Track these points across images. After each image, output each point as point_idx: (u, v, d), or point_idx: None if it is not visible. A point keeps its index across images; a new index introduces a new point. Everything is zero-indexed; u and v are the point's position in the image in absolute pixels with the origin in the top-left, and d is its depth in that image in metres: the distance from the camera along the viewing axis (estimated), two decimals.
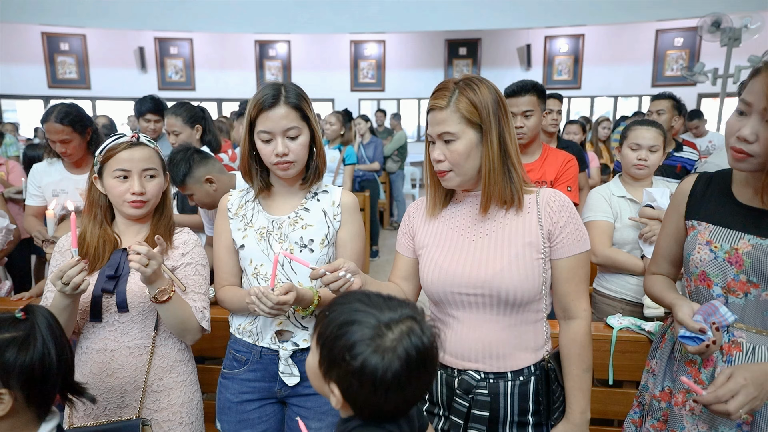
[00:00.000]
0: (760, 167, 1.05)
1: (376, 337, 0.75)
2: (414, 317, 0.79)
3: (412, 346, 0.76)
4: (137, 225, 1.44)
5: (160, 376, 1.42)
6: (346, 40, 9.91)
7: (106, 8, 8.20)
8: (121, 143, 1.35)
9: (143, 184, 1.35)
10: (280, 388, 1.41)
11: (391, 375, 0.74)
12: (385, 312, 0.78)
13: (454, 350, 1.21)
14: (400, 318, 0.78)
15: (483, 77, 1.17)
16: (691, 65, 8.07)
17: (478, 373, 1.18)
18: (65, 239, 1.42)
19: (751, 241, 1.10)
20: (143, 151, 1.36)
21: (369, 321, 0.77)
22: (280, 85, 1.33)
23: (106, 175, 1.36)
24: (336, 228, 1.41)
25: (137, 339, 1.39)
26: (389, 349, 0.75)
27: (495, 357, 1.18)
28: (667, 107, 3.03)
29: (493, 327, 1.18)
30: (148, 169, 1.37)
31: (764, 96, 0.99)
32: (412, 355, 0.75)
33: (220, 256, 1.45)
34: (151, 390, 1.40)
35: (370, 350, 0.75)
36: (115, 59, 9.70)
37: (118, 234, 1.42)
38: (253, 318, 1.41)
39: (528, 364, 1.19)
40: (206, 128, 2.58)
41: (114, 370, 1.36)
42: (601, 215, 2.04)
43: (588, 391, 1.19)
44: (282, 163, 1.31)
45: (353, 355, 0.75)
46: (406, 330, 0.77)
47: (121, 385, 1.37)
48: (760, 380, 1.00)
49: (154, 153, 1.40)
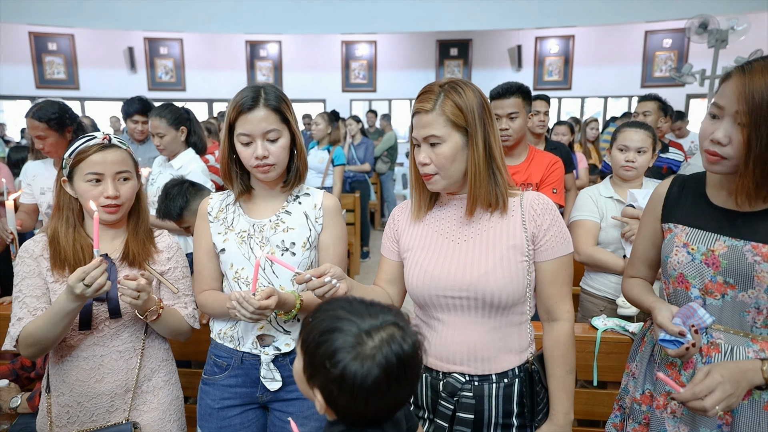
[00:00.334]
0: (733, 169, 1.06)
1: (357, 345, 0.76)
2: (396, 324, 0.79)
3: (392, 354, 0.76)
4: (112, 230, 1.40)
5: (149, 377, 1.42)
6: (338, 41, 9.90)
7: (95, 8, 8.13)
8: (93, 146, 1.31)
9: (117, 188, 1.32)
10: (261, 394, 1.40)
11: (371, 382, 0.74)
12: (366, 319, 0.78)
13: (439, 353, 1.21)
14: (381, 325, 0.78)
15: (467, 80, 1.18)
16: (679, 66, 8.13)
17: (463, 376, 1.19)
18: (32, 244, 1.36)
19: (726, 243, 1.11)
20: (116, 154, 1.33)
21: (350, 329, 0.77)
22: (259, 87, 1.32)
23: (77, 179, 1.32)
24: (318, 231, 1.41)
25: (127, 343, 1.38)
26: (369, 356, 0.75)
27: (480, 359, 1.18)
28: (653, 109, 3.06)
29: (478, 330, 1.18)
30: (122, 172, 1.33)
31: (735, 99, 1.00)
32: (392, 363, 0.75)
33: (200, 260, 1.43)
34: (141, 391, 1.40)
35: (349, 358, 0.75)
36: (104, 59, 9.62)
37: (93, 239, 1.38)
38: (234, 323, 1.40)
39: (512, 366, 1.20)
40: (191, 130, 2.55)
41: (104, 375, 1.35)
42: (587, 215, 2.08)
43: (571, 392, 1.20)
44: (262, 166, 1.30)
45: (333, 362, 0.76)
46: (386, 337, 0.77)
47: (112, 389, 1.36)
48: (736, 377, 1.02)
49: (127, 155, 1.37)
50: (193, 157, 2.50)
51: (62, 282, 1.31)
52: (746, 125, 0.99)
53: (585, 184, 3.86)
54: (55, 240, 1.34)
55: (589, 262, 2.06)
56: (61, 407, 1.35)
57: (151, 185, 2.55)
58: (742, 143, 1.01)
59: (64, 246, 1.33)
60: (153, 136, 2.49)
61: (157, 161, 2.68)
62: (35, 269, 1.32)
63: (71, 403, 1.35)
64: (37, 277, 1.32)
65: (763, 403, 1.10)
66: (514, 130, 2.14)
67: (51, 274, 1.32)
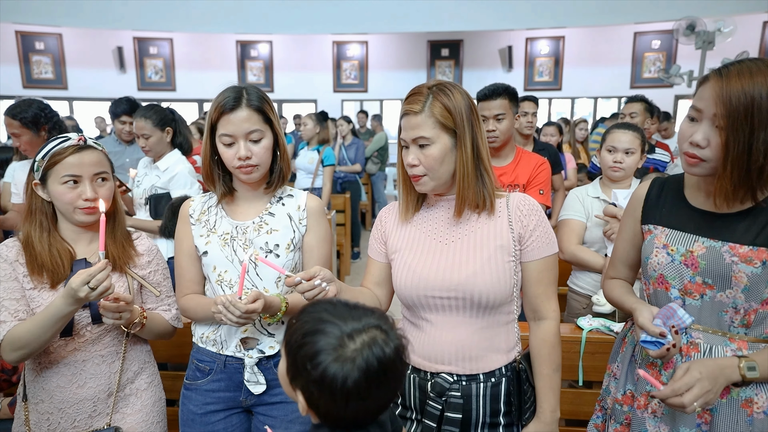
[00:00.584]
0: (712, 171, 1.07)
1: (338, 347, 0.76)
2: (379, 327, 0.79)
3: (373, 357, 0.76)
4: (89, 233, 1.38)
5: (132, 380, 1.41)
6: (329, 41, 9.88)
7: (83, 7, 8.06)
8: (68, 147, 1.29)
9: (95, 189, 1.30)
10: (245, 398, 1.39)
11: (351, 384, 0.74)
12: (349, 322, 0.78)
13: (427, 353, 1.21)
14: (363, 328, 0.78)
15: (455, 83, 1.19)
16: (667, 67, 8.20)
17: (451, 376, 1.19)
18: (5, 249, 1.31)
19: (705, 244, 1.12)
20: (92, 155, 1.31)
21: (332, 331, 0.77)
22: (241, 87, 1.31)
23: (51, 181, 1.28)
24: (302, 232, 1.40)
25: (110, 346, 1.36)
26: (349, 359, 0.75)
27: (468, 359, 1.19)
28: (640, 110, 3.08)
29: (466, 329, 1.19)
30: (100, 173, 1.32)
31: (713, 103, 1.02)
32: (372, 366, 0.75)
33: (181, 263, 1.41)
34: (124, 394, 1.38)
35: (330, 360, 0.75)
36: (93, 59, 9.53)
37: (69, 243, 1.35)
38: (217, 326, 1.39)
39: (500, 365, 1.21)
40: (176, 130, 2.54)
41: (86, 380, 1.33)
42: (573, 214, 2.12)
43: (558, 390, 1.22)
44: (245, 167, 1.30)
45: (314, 364, 0.76)
46: (368, 340, 0.77)
47: (94, 394, 1.34)
48: (714, 374, 1.03)
49: (103, 155, 1.35)
50: (179, 158, 2.48)
51: (41, 289, 1.28)
52: (724, 128, 1.01)
53: (574, 184, 3.88)
54: (30, 245, 1.30)
55: (572, 261, 2.10)
56: (40, 414, 1.33)
57: (137, 187, 2.53)
58: (721, 146, 1.02)
59: (39, 251, 1.29)
60: (138, 137, 2.48)
61: (142, 163, 2.65)
62: (11, 273, 1.29)
63: (51, 410, 1.32)
64: (14, 281, 1.29)
65: (741, 402, 1.11)
66: (501, 132, 2.15)
67: (29, 280, 1.29)
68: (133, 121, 2.54)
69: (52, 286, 1.29)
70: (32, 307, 1.28)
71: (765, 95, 0.97)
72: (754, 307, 1.10)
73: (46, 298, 1.28)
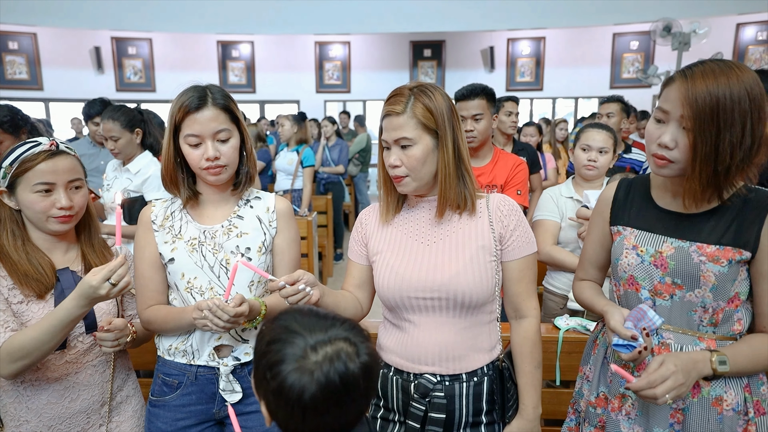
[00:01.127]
0: (681, 172, 1.07)
1: (300, 358, 0.73)
2: (348, 339, 0.76)
3: (334, 372, 0.72)
4: (63, 242, 1.32)
5: (121, 387, 1.38)
6: (311, 41, 9.83)
7: (59, 6, 7.89)
8: (39, 153, 1.22)
9: (70, 197, 1.25)
10: (219, 409, 1.34)
11: (307, 398, 0.72)
12: (315, 333, 0.75)
13: (409, 354, 1.21)
14: (329, 340, 0.75)
15: (436, 84, 1.20)
16: (645, 68, 8.33)
17: (434, 376, 1.19)
18: None
19: (673, 244, 1.13)
20: (66, 161, 1.25)
21: (296, 341, 0.74)
22: (203, 86, 1.28)
23: (22, 189, 1.22)
24: (272, 235, 1.38)
25: (100, 355, 1.33)
26: (308, 371, 0.72)
27: (451, 359, 1.19)
28: (616, 110, 3.11)
29: (449, 329, 1.19)
30: (74, 180, 1.26)
31: (680, 104, 1.02)
32: (332, 381, 0.72)
33: (143, 273, 1.34)
34: (116, 403, 1.35)
35: (288, 370, 0.73)
36: (69, 59, 9.34)
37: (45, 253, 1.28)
38: (186, 336, 1.33)
39: (482, 364, 1.21)
40: (146, 131, 2.46)
41: (79, 392, 1.28)
42: (547, 215, 2.13)
43: (539, 386, 1.23)
44: (213, 168, 1.26)
45: (273, 373, 0.74)
46: (331, 353, 0.74)
47: (88, 405, 1.29)
48: (687, 368, 1.04)
49: (77, 161, 1.29)
50: (150, 159, 2.41)
51: (29, 302, 1.22)
52: (691, 130, 1.01)
53: (553, 184, 3.92)
54: (5, 255, 1.23)
55: (548, 261, 2.11)
56: None
57: (107, 191, 2.46)
58: (689, 147, 1.03)
59: (17, 261, 1.23)
60: (106, 139, 2.39)
61: (110, 165, 2.57)
62: None
63: (39, 429, 1.25)
64: None
65: (711, 400, 1.12)
66: (479, 132, 2.15)
67: (16, 293, 1.22)
68: (100, 123, 2.44)
69: (40, 297, 1.23)
70: (23, 321, 1.21)
71: (729, 96, 0.98)
72: (721, 306, 1.11)
73: (36, 310, 1.22)
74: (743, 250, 1.07)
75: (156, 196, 2.31)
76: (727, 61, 1.03)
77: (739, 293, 1.11)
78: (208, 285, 1.30)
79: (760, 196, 1.08)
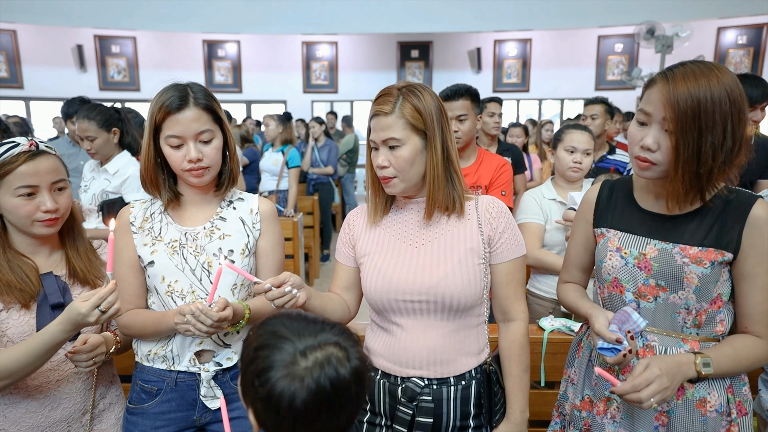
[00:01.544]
0: (663, 174, 1.07)
1: (289, 364, 0.71)
2: (338, 344, 0.74)
3: (325, 377, 0.70)
4: (46, 246, 1.28)
5: (104, 394, 1.34)
6: (298, 41, 9.78)
7: (39, 3, 7.74)
8: (19, 155, 1.16)
9: (55, 199, 1.20)
10: (200, 416, 1.31)
11: (298, 405, 0.70)
12: (304, 338, 0.73)
13: (397, 358, 1.19)
14: (319, 344, 0.73)
15: (424, 84, 1.18)
16: (630, 70, 8.44)
17: (422, 380, 1.18)
18: None
19: (657, 246, 1.13)
20: (48, 162, 1.20)
21: (284, 347, 0.72)
22: (184, 85, 1.24)
23: (3, 194, 1.17)
24: (256, 237, 1.35)
25: None
26: (298, 377, 0.70)
27: (439, 363, 1.17)
28: (601, 112, 3.13)
29: (437, 333, 1.18)
30: (58, 182, 1.21)
31: (662, 106, 1.02)
32: (323, 387, 0.70)
33: (121, 276, 1.29)
34: (98, 411, 1.31)
35: (278, 377, 0.70)
36: (51, 57, 9.18)
37: (28, 257, 1.24)
38: (166, 341, 1.29)
39: (469, 368, 1.20)
40: (123, 131, 2.37)
41: (60, 400, 1.24)
42: (532, 217, 2.11)
43: (527, 390, 1.22)
44: (196, 170, 1.23)
45: (262, 381, 0.71)
46: (322, 359, 0.72)
47: (69, 414, 1.25)
48: (672, 371, 1.04)
49: (59, 161, 1.25)
50: (129, 159, 2.34)
51: (9, 309, 1.18)
52: (673, 132, 1.01)
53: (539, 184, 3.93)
54: None
55: (536, 265, 2.09)
56: None
57: (84, 192, 2.39)
58: (671, 149, 1.02)
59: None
60: (82, 140, 2.30)
61: (87, 166, 2.49)
62: None
63: None
64: None
65: (696, 402, 1.12)
66: (464, 132, 2.14)
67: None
68: (76, 123, 2.34)
69: (24, 305, 1.19)
70: (2, 329, 1.17)
71: (710, 98, 0.98)
72: (704, 307, 1.11)
73: (17, 318, 1.18)
74: (725, 252, 1.07)
75: (136, 197, 2.25)
76: (707, 63, 1.03)
77: (721, 294, 1.11)
78: (190, 288, 1.27)
79: (741, 198, 1.08)
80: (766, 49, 8.65)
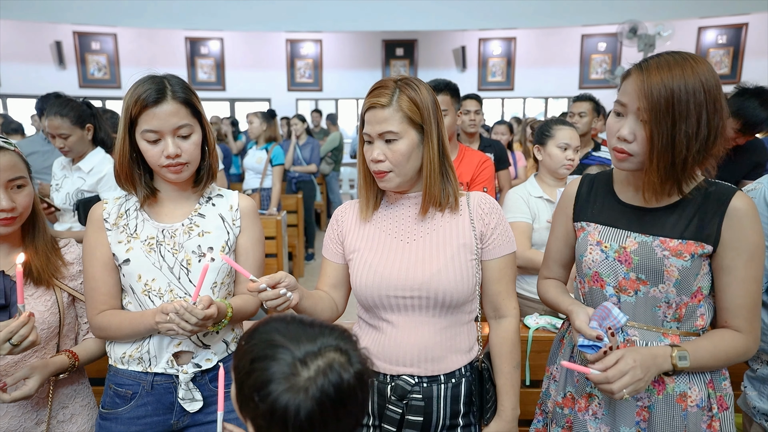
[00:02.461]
0: (640, 166, 1.07)
1: (290, 375, 0.67)
2: (339, 348, 0.71)
3: (329, 385, 0.67)
4: (5, 245, 1.23)
5: (65, 404, 1.27)
6: (282, 39, 9.69)
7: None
8: None
9: (12, 198, 1.15)
10: (177, 420, 1.26)
11: (304, 417, 0.66)
12: (303, 344, 0.70)
13: (387, 356, 1.17)
14: (319, 351, 0.69)
15: (419, 78, 1.16)
16: (613, 69, 8.52)
17: (413, 378, 1.16)
18: None
19: (637, 239, 1.12)
20: (6, 158, 1.15)
21: (283, 357, 0.68)
22: (161, 77, 1.20)
23: None
24: (236, 234, 1.32)
25: None
26: (302, 389, 0.67)
27: (430, 360, 1.16)
28: (588, 109, 3.14)
29: (429, 329, 1.16)
30: (15, 179, 1.16)
31: (636, 97, 1.02)
32: (328, 395, 0.67)
33: (94, 275, 1.24)
34: (56, 422, 1.24)
35: (280, 390, 0.67)
36: (29, 54, 8.96)
37: None
38: (141, 342, 1.25)
39: (460, 365, 1.18)
40: (97, 126, 2.29)
41: (7, 409, 1.17)
42: (519, 216, 2.07)
43: (518, 387, 1.22)
44: (174, 165, 1.19)
45: (262, 395, 0.67)
46: (324, 366, 0.68)
47: (19, 424, 1.19)
48: (647, 363, 1.03)
49: (18, 157, 1.19)
50: (104, 156, 2.26)
51: None
52: (648, 122, 1.01)
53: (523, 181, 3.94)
54: None
55: (527, 265, 2.03)
56: None
57: (57, 191, 2.30)
58: (646, 139, 1.02)
59: None
60: (54, 137, 2.21)
61: (58, 164, 2.39)
62: None
63: None
64: None
65: (676, 397, 1.12)
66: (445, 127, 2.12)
67: None
68: (46, 120, 2.24)
69: None
70: None
71: (683, 87, 0.98)
72: (684, 301, 1.10)
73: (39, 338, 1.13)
74: (705, 244, 1.07)
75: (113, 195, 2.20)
76: (683, 53, 1.03)
77: (701, 287, 1.10)
78: (168, 287, 1.23)
79: (720, 190, 1.08)
80: (746, 49, 8.81)
